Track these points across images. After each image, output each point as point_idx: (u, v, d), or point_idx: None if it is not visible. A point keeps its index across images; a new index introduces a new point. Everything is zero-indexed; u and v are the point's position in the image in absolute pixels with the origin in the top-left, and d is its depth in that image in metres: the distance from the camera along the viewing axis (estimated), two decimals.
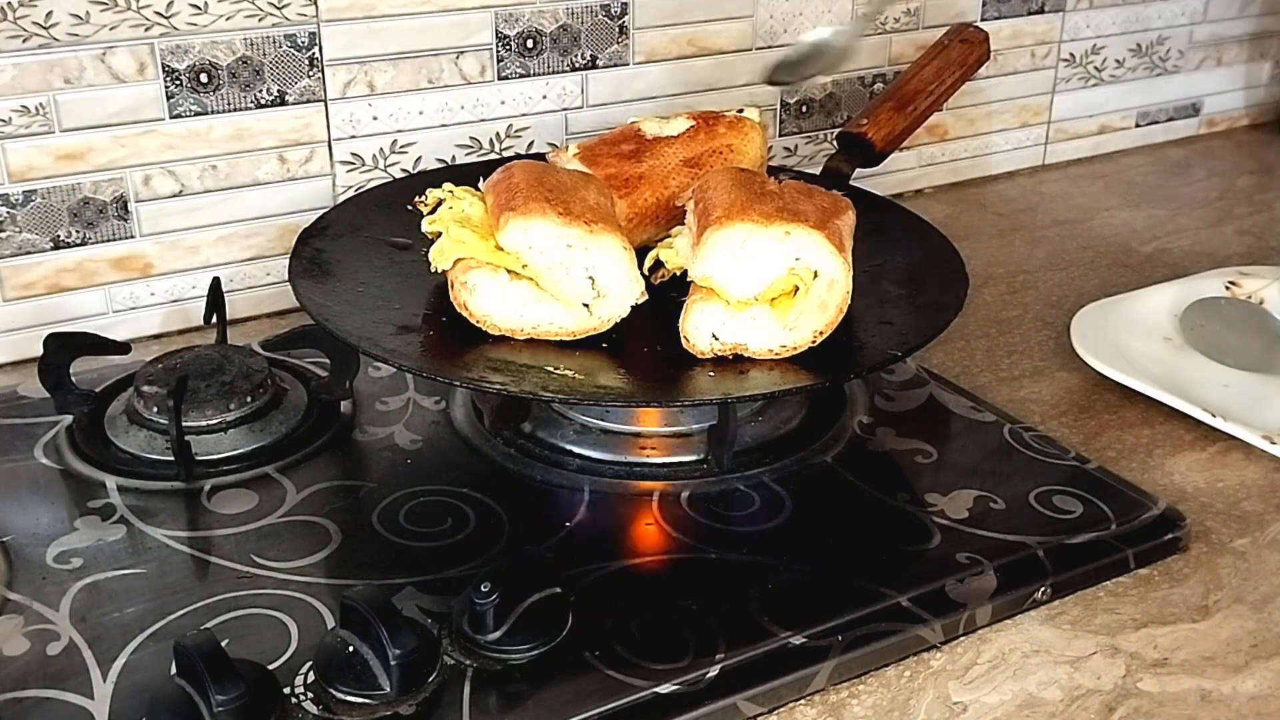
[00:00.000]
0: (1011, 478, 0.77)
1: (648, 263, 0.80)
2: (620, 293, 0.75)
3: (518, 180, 0.76)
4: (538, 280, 0.74)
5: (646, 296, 0.76)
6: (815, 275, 0.74)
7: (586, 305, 0.75)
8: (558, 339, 0.75)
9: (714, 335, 0.74)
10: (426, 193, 0.81)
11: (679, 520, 0.73)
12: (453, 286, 0.76)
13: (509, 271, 0.74)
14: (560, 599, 0.63)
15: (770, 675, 0.61)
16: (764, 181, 0.79)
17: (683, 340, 0.75)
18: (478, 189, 0.80)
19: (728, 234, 0.73)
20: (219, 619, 0.64)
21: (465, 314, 0.75)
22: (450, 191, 0.79)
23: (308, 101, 0.96)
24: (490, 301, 0.74)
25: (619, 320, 0.76)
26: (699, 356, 0.74)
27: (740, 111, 0.90)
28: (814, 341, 0.75)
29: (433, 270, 0.77)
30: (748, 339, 0.74)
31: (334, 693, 0.58)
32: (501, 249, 0.74)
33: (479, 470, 0.77)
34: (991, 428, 0.83)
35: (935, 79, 1.00)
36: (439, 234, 0.77)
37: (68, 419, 0.81)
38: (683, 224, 0.81)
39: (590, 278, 0.74)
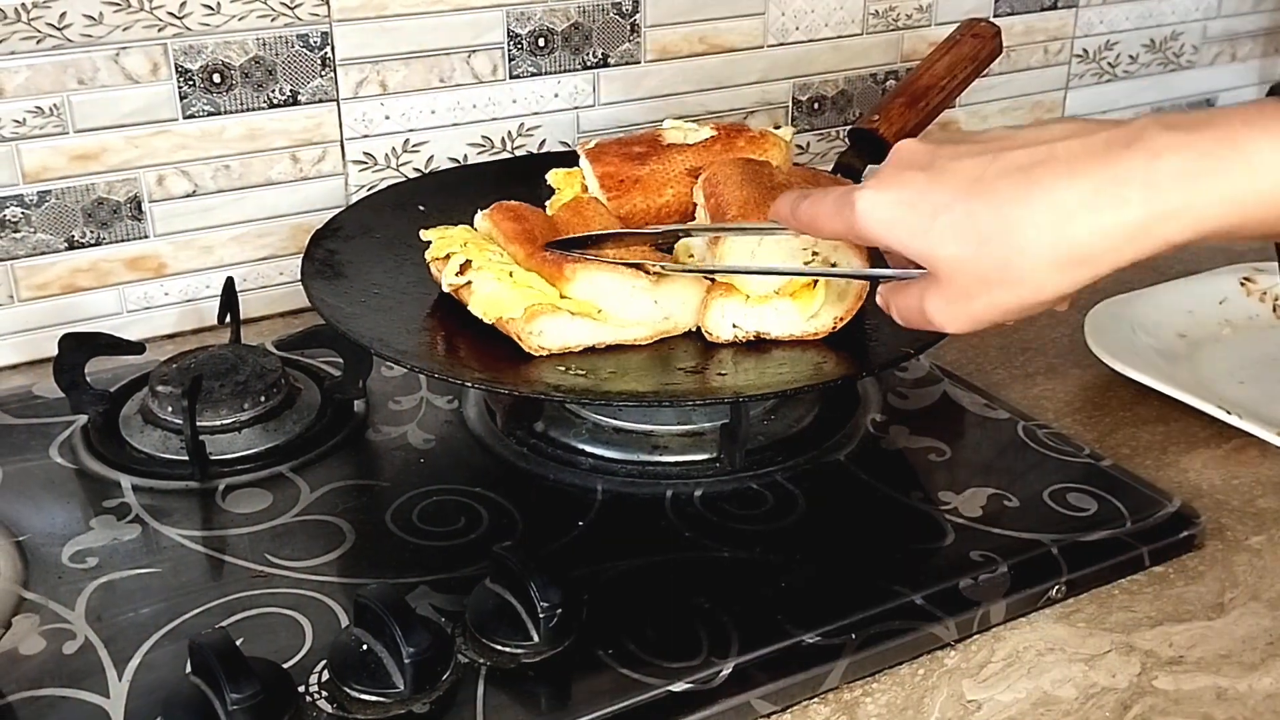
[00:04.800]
0: (1025, 475, 0.77)
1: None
2: (688, 308, 0.76)
3: (542, 233, 0.77)
4: (605, 317, 0.74)
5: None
6: (833, 266, 0.74)
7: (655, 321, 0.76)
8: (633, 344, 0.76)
9: (734, 325, 0.75)
10: (432, 243, 0.80)
11: (692, 519, 0.73)
12: (517, 337, 0.74)
13: (569, 312, 0.74)
14: (574, 597, 0.63)
15: (784, 673, 0.61)
16: (772, 173, 0.79)
17: (704, 332, 0.76)
18: (478, 205, 0.81)
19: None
20: (234, 618, 0.64)
21: (543, 353, 0.74)
22: (463, 244, 0.78)
23: (320, 101, 0.97)
24: (563, 335, 0.74)
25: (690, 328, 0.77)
26: (719, 343, 0.75)
27: (776, 128, 0.89)
28: (835, 327, 0.76)
29: (486, 320, 0.75)
30: (769, 326, 0.75)
31: (348, 691, 0.59)
32: (567, 297, 0.74)
33: (492, 470, 0.78)
34: (1005, 425, 0.83)
35: (947, 75, 1.00)
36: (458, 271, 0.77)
37: (83, 419, 0.81)
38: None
39: (659, 308, 0.75)
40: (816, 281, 0.75)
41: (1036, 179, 0.53)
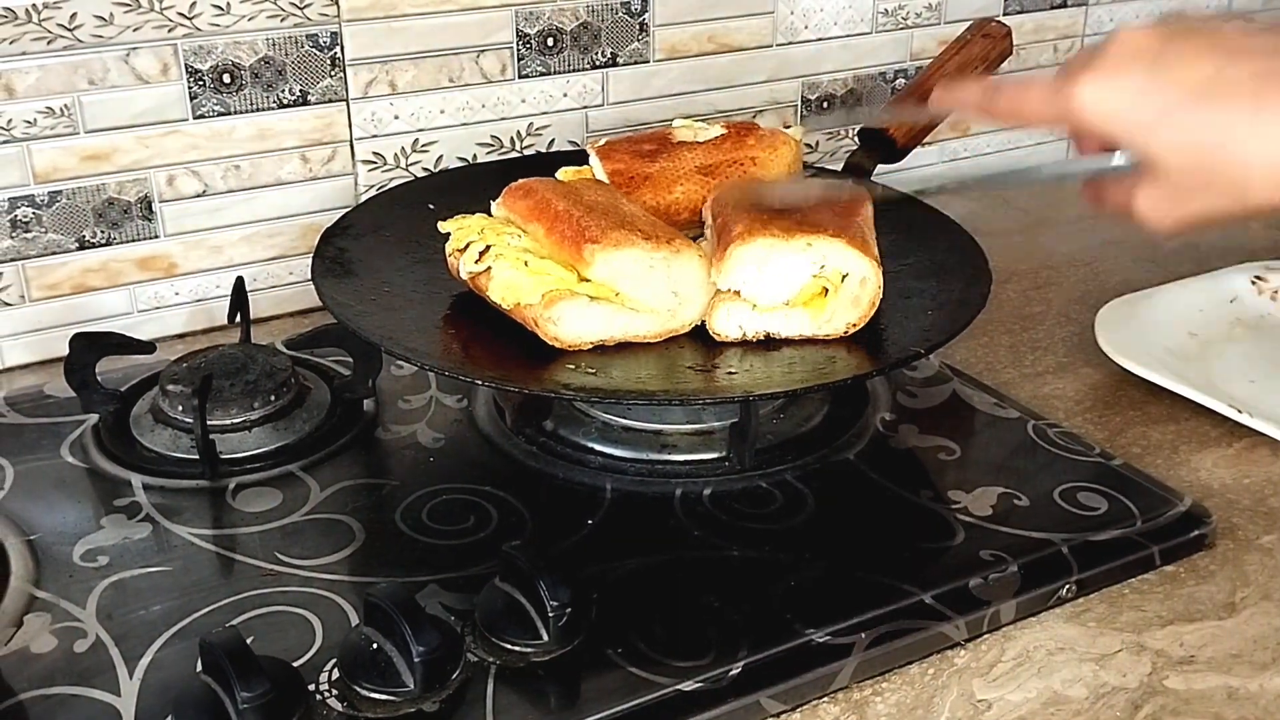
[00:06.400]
0: (1036, 474, 0.77)
1: None
2: (698, 297, 0.76)
3: (562, 207, 0.76)
4: (622, 300, 0.74)
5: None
6: (844, 277, 0.74)
7: (670, 310, 0.76)
8: (642, 341, 0.76)
9: (740, 326, 0.75)
10: (452, 233, 0.80)
11: (701, 518, 0.73)
12: (533, 324, 0.74)
13: (588, 296, 0.74)
14: (583, 596, 0.63)
15: (793, 673, 0.61)
16: (777, 195, 0.79)
17: (711, 333, 0.76)
18: (489, 203, 0.80)
19: (750, 250, 0.74)
20: (244, 616, 0.64)
21: (557, 344, 0.74)
22: (480, 231, 0.78)
23: (330, 101, 0.97)
24: (578, 326, 0.74)
25: (698, 322, 0.76)
26: (728, 342, 0.75)
27: (786, 127, 0.89)
28: (847, 332, 0.76)
29: (504, 307, 0.75)
30: (779, 328, 0.75)
31: (358, 690, 0.59)
32: (586, 279, 0.74)
33: (501, 468, 0.78)
34: (1015, 424, 0.83)
35: (957, 75, 0.99)
36: (474, 254, 0.77)
37: (93, 418, 0.82)
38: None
39: (674, 292, 0.75)
40: (828, 290, 0.75)
41: (1270, 92, 0.53)
